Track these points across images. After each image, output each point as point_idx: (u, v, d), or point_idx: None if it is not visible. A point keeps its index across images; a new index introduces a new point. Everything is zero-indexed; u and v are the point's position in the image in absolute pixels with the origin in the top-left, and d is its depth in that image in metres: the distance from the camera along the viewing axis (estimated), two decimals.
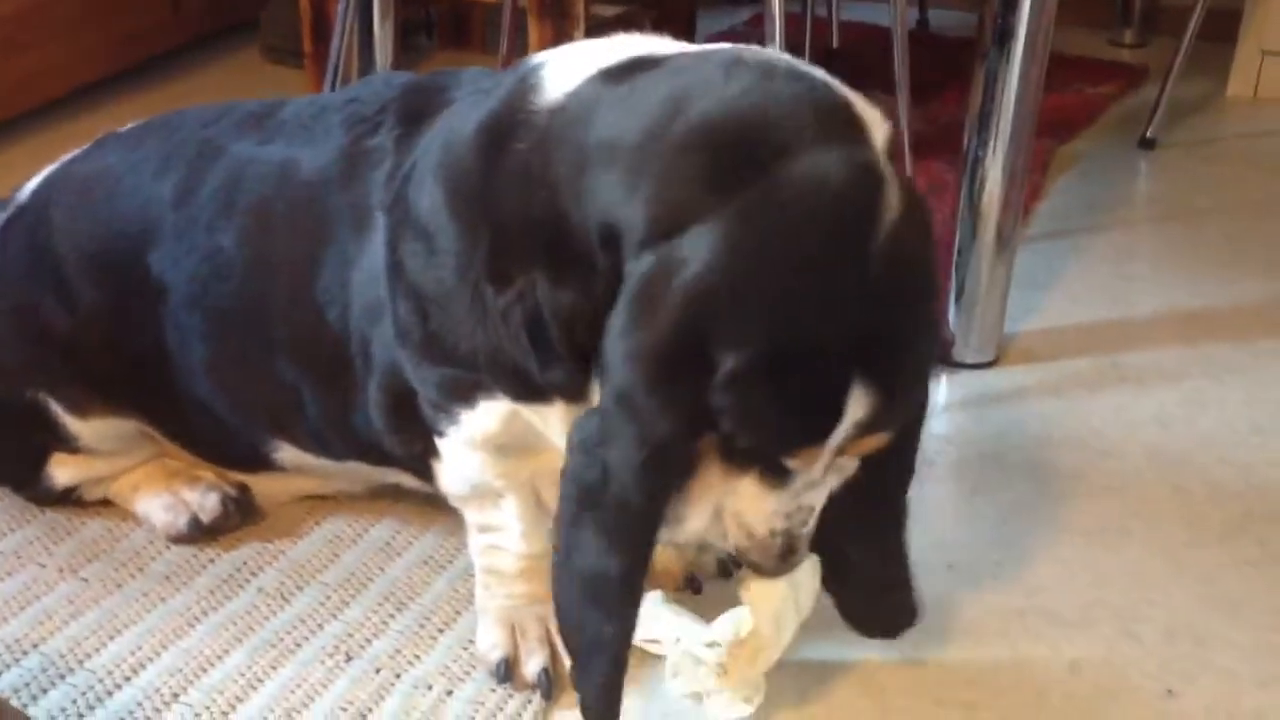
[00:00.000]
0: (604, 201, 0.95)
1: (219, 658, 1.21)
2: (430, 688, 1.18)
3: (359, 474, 1.34)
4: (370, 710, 1.15)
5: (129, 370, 1.30)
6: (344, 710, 1.15)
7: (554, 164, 0.99)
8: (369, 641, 1.23)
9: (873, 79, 2.67)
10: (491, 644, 1.20)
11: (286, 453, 1.32)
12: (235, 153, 1.25)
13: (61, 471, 1.37)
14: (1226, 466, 1.54)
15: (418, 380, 1.12)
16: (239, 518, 1.37)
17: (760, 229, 0.88)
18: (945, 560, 1.36)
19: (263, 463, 1.34)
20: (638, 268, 0.91)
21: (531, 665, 1.18)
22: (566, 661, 1.17)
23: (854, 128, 0.93)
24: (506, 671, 1.18)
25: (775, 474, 0.97)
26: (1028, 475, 1.52)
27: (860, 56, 2.87)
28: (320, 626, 1.25)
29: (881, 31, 2.14)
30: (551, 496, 1.17)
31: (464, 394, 1.09)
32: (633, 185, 0.93)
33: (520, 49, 2.27)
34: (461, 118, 1.09)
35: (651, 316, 0.89)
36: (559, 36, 2.19)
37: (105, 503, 1.41)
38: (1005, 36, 1.59)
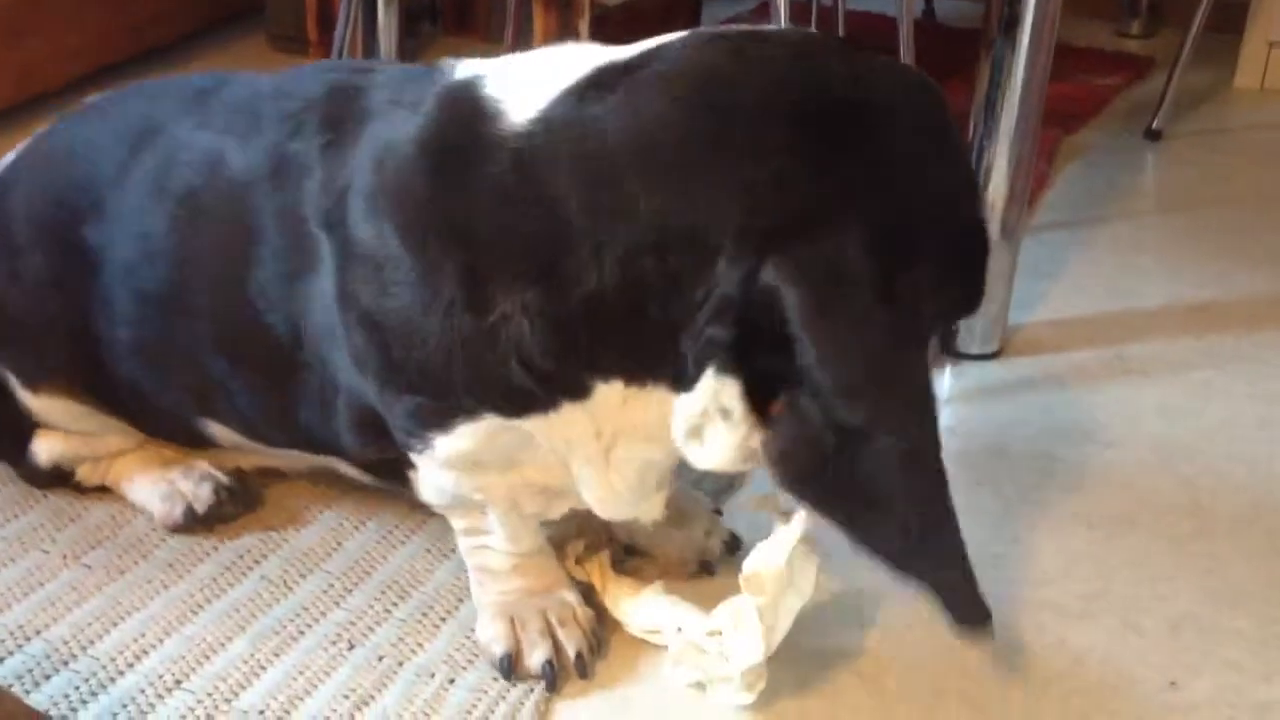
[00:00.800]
0: (657, 210, 0.96)
1: (221, 645, 1.21)
2: (432, 676, 1.18)
3: (298, 458, 1.34)
4: (372, 698, 1.15)
5: (69, 344, 1.30)
6: (346, 698, 1.15)
7: (549, 184, 0.99)
8: (371, 630, 1.23)
9: None
10: (492, 638, 1.19)
11: (221, 431, 1.31)
12: (172, 134, 1.25)
13: (43, 447, 1.37)
14: (1232, 459, 1.54)
15: (383, 407, 1.11)
16: (235, 507, 1.37)
17: (895, 166, 0.97)
18: None
19: (202, 440, 1.34)
20: (788, 259, 0.93)
21: (535, 657, 1.18)
22: (570, 651, 1.18)
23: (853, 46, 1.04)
24: (510, 665, 1.18)
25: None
26: (1032, 467, 1.51)
27: (866, 45, 2.86)
28: (322, 614, 1.25)
29: (888, 21, 2.14)
30: (532, 507, 1.17)
31: (438, 420, 1.08)
32: (712, 187, 0.95)
33: (525, 37, 2.26)
34: (388, 139, 1.08)
35: (856, 291, 0.94)
36: (564, 26, 2.19)
37: (106, 489, 1.41)
38: (1011, 26, 1.59)
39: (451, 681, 1.17)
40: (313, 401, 1.19)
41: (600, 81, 1.01)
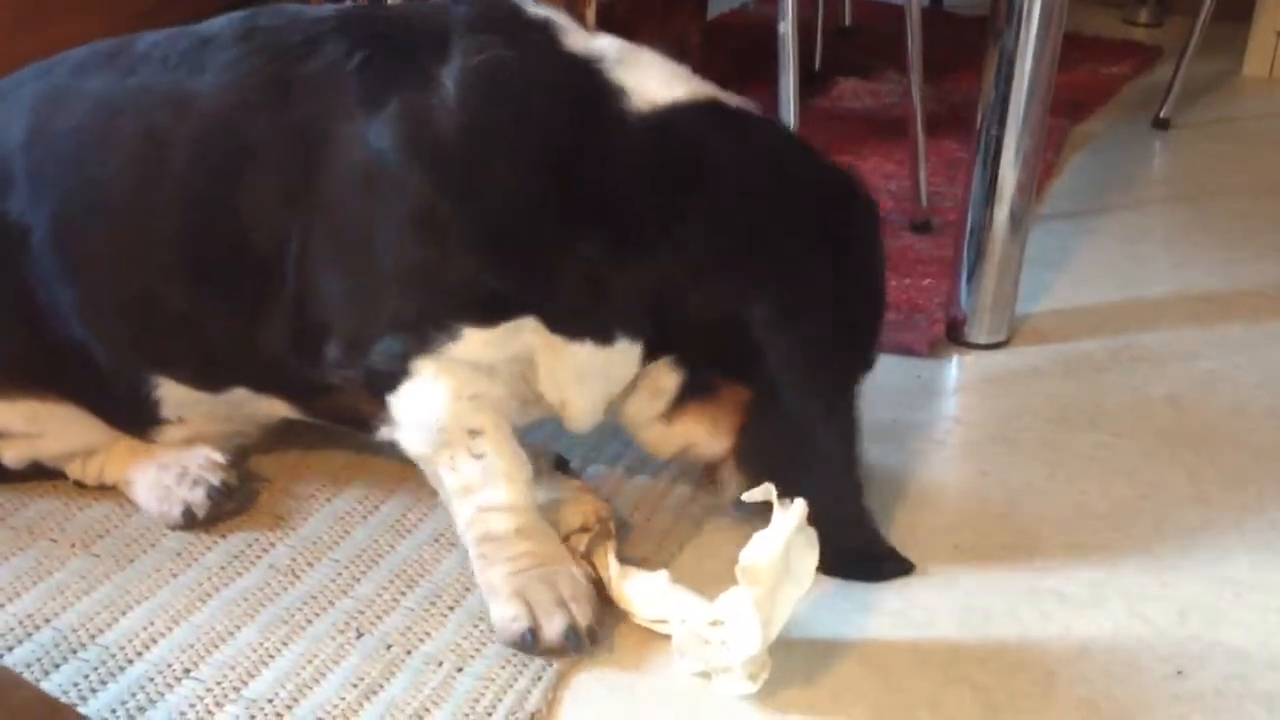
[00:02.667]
0: (703, 225, 1.20)
1: (230, 633, 1.21)
2: (440, 664, 1.19)
3: (241, 411, 1.34)
4: (380, 686, 1.16)
5: (9, 332, 1.29)
6: (354, 686, 1.16)
7: (654, 173, 1.19)
8: (379, 618, 1.24)
9: (886, 57, 2.68)
10: (511, 617, 1.18)
11: (166, 390, 1.31)
12: (93, 89, 1.26)
13: (11, 453, 1.36)
14: (1239, 448, 1.54)
15: (412, 298, 1.16)
16: (234, 502, 1.36)
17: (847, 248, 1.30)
18: (953, 541, 1.36)
19: (150, 415, 1.34)
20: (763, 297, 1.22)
21: (554, 627, 1.17)
22: (583, 624, 1.18)
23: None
24: (532, 640, 1.17)
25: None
26: (1038, 456, 1.51)
27: (873, 34, 2.86)
28: (331, 603, 1.26)
29: (895, 9, 2.14)
30: (517, 416, 1.24)
31: (481, 313, 1.16)
32: (740, 231, 1.21)
33: None
34: (494, 75, 1.18)
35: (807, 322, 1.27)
36: (571, 14, 2.18)
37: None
38: (1019, 15, 1.58)
39: (459, 670, 1.18)
40: (284, 321, 1.21)
41: (711, 113, 1.24)
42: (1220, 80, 2.76)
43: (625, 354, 1.23)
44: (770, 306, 1.21)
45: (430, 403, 1.18)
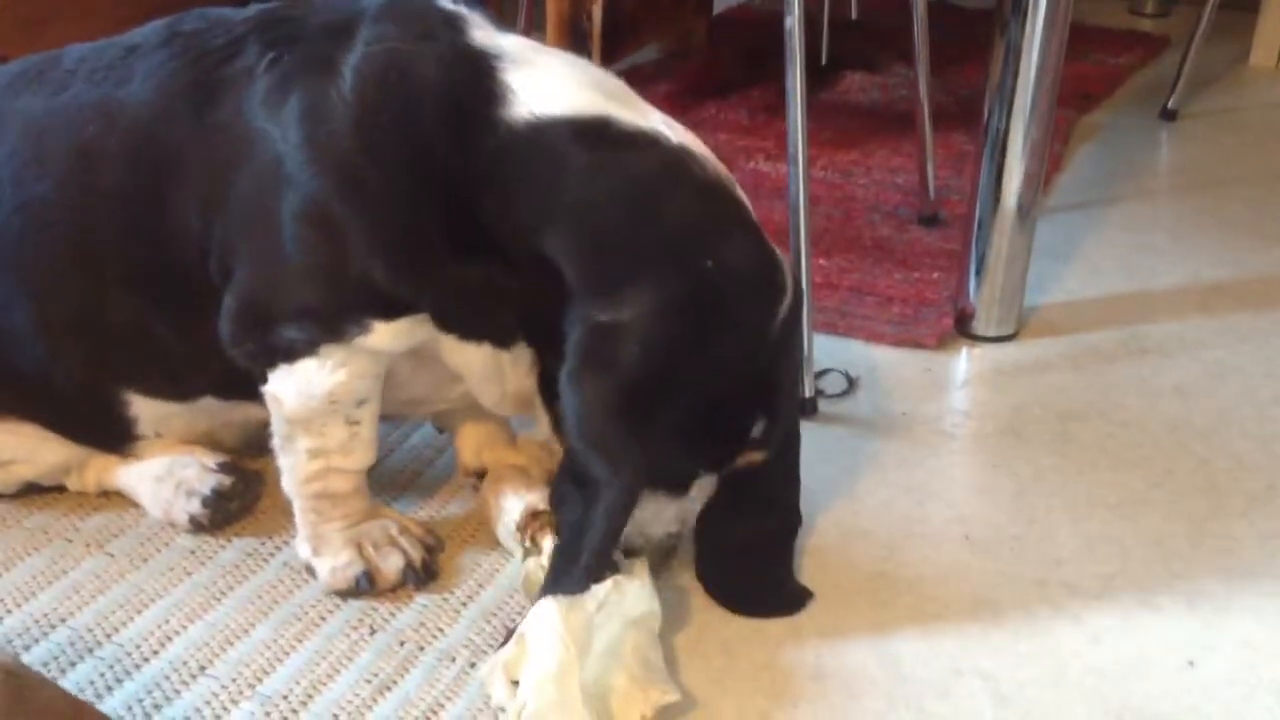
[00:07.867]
0: (556, 248, 1.12)
1: (245, 631, 1.22)
2: (453, 660, 1.19)
3: (219, 419, 1.35)
4: (394, 682, 1.16)
5: None
6: (368, 682, 1.16)
7: (510, 196, 1.13)
8: (393, 614, 1.24)
9: (892, 50, 2.68)
10: (345, 564, 1.25)
11: (139, 407, 1.31)
12: (22, 109, 1.26)
13: (3, 479, 1.37)
14: (1248, 438, 1.54)
15: (321, 293, 1.15)
16: (239, 500, 1.36)
17: (685, 310, 1.10)
18: (964, 532, 1.36)
19: (124, 431, 1.34)
20: (586, 320, 1.11)
21: (391, 564, 1.26)
22: (416, 556, 1.27)
23: (756, 231, 1.16)
24: (369, 581, 1.25)
25: (678, 489, 1.21)
26: (1048, 448, 1.52)
27: (880, 28, 2.86)
28: (345, 599, 1.26)
29: (901, 2, 2.14)
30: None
31: (389, 312, 1.15)
32: (586, 252, 1.12)
33: (538, 21, 2.27)
34: (388, 67, 1.15)
35: (604, 375, 1.10)
36: (576, 11, 2.19)
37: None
38: (1025, 6, 1.58)
39: (473, 665, 1.18)
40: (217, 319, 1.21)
41: (589, 134, 1.13)
42: (1227, 70, 2.75)
43: (521, 357, 1.21)
44: (584, 330, 1.12)
45: (330, 379, 1.18)
